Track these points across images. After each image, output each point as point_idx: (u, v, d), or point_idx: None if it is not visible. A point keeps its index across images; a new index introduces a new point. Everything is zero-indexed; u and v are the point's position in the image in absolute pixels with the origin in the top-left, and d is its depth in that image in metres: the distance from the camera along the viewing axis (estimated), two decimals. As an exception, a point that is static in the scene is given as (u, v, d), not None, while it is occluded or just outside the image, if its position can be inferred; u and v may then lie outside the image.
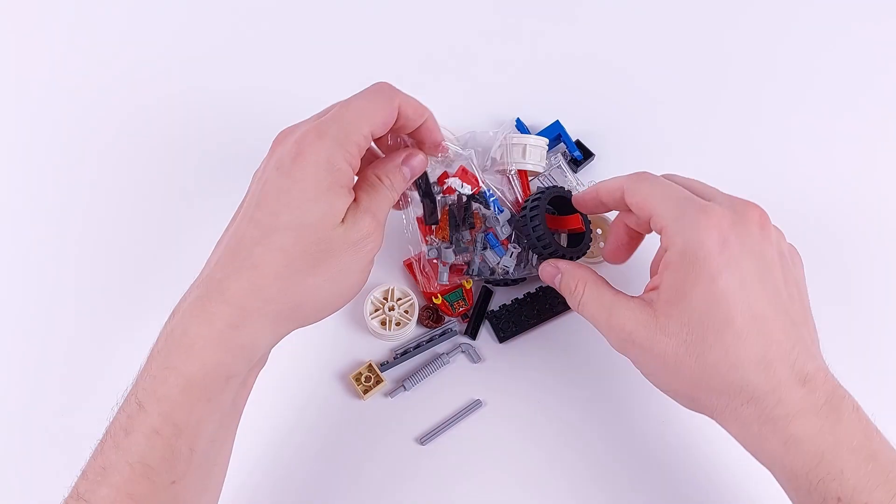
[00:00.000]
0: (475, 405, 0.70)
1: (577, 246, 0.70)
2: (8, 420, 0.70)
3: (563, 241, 0.73)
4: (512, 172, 0.73)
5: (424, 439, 0.69)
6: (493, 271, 0.69)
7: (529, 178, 0.74)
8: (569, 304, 0.65)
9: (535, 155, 0.73)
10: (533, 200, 0.68)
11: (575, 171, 0.78)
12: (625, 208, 0.62)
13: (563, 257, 0.67)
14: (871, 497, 0.52)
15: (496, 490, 0.68)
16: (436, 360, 0.70)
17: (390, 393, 0.70)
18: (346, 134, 0.57)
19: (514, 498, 0.68)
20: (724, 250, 0.55)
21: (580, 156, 0.78)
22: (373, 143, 0.62)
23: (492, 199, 0.70)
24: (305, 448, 0.68)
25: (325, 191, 0.56)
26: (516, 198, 0.72)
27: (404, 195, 0.68)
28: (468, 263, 0.70)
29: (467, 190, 0.69)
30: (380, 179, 0.61)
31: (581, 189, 0.74)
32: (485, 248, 0.69)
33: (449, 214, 0.69)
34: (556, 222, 0.71)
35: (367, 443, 0.69)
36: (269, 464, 0.67)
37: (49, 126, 0.80)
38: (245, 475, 0.67)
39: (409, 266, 0.74)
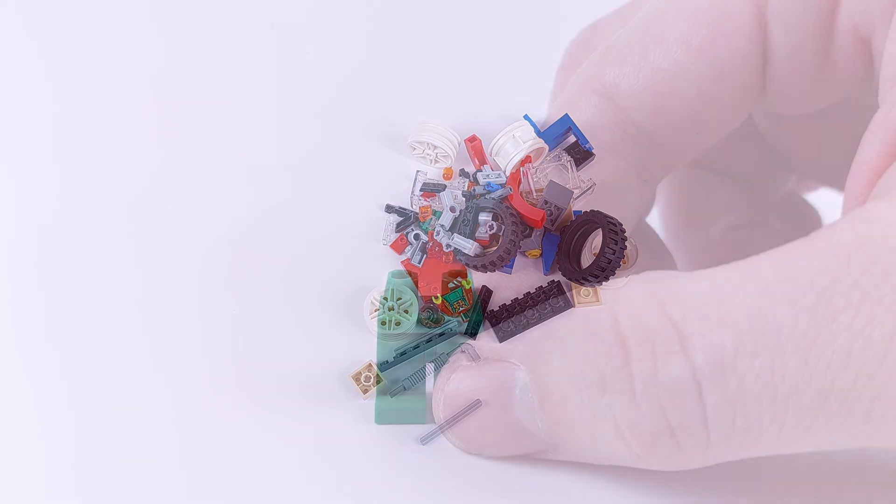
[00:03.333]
0: (475, 405, 0.70)
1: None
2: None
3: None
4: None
5: (425, 439, 0.69)
6: None
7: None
8: None
9: (525, 133, 0.73)
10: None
11: (577, 168, 0.77)
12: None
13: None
14: None
15: (497, 490, 0.68)
16: (436, 360, 0.71)
17: (390, 393, 0.70)
18: None
19: (515, 498, 0.68)
20: None
21: (591, 147, 0.77)
22: None
23: None
24: (304, 448, 0.69)
25: None
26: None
27: None
28: None
29: None
30: None
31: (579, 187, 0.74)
32: None
33: None
34: None
35: (367, 443, 0.69)
36: (269, 463, 0.68)
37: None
38: (244, 474, 0.68)
39: (408, 266, 0.74)
